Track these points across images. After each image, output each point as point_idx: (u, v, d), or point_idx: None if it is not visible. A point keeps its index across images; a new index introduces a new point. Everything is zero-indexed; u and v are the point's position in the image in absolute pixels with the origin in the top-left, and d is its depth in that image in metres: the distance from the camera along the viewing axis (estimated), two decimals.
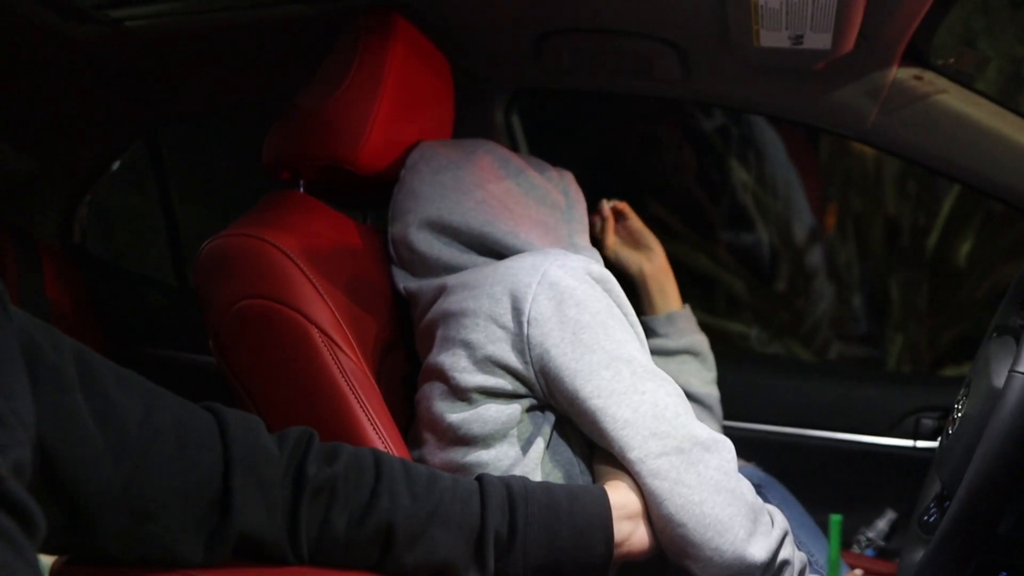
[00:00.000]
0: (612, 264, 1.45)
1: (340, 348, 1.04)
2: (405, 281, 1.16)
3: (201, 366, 1.76)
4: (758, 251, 3.17)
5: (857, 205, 3.11)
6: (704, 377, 1.42)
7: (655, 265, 1.44)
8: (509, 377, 1.01)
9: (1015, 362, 0.93)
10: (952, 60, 1.39)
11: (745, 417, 1.51)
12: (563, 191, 1.23)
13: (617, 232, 1.47)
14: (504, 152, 1.22)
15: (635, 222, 1.46)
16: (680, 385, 1.36)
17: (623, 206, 1.46)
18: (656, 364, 1.38)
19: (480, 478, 0.89)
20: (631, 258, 1.45)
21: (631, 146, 3.16)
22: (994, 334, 1.12)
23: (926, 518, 1.09)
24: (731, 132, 3.10)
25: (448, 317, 1.05)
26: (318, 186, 1.25)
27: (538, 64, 1.54)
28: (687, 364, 1.41)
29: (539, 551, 0.86)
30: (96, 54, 1.62)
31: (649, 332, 1.43)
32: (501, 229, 1.11)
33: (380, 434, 1.02)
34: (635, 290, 1.46)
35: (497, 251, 1.11)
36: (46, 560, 0.84)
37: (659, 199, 3.00)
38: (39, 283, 1.75)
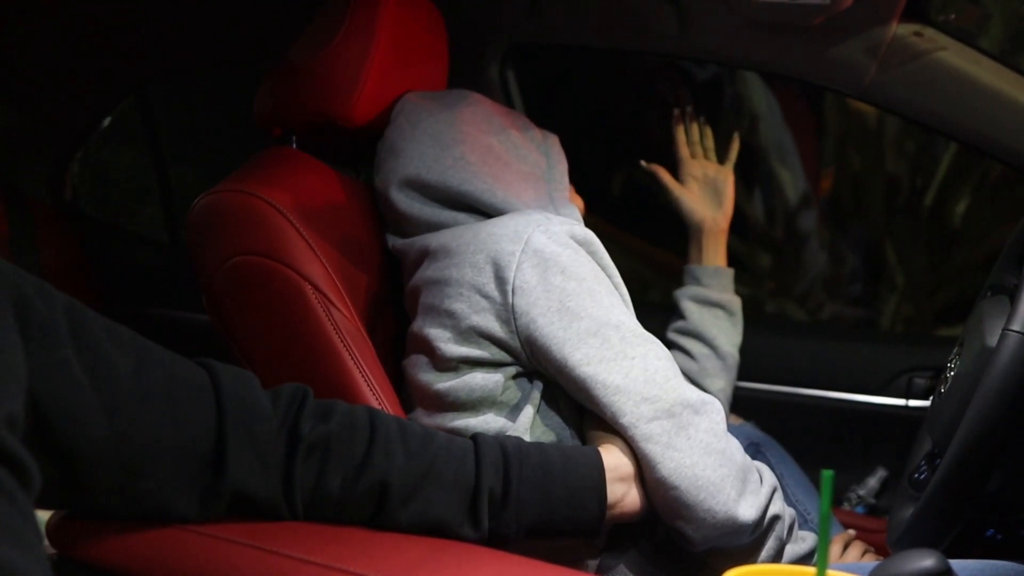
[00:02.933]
0: (679, 206, 1.48)
1: (334, 304, 1.04)
2: (392, 239, 1.15)
3: (195, 324, 1.76)
4: (754, 209, 3.16)
5: (855, 164, 3.10)
6: (731, 337, 1.45)
7: (720, 221, 1.47)
8: (494, 347, 1.00)
9: (1009, 320, 0.92)
10: (953, 16, 1.38)
11: (741, 376, 1.51)
12: (544, 152, 1.20)
13: (697, 174, 1.48)
14: (487, 107, 1.20)
15: (722, 172, 1.48)
16: (710, 337, 1.43)
17: (704, 128, 1.48)
18: (692, 311, 1.44)
19: (475, 437, 0.89)
20: (702, 206, 1.47)
21: (630, 101, 3.13)
22: (988, 293, 1.12)
23: (916, 476, 1.10)
24: (726, 88, 3.08)
25: (431, 285, 1.04)
26: (311, 142, 1.24)
27: (533, 19, 1.52)
28: (720, 320, 1.45)
29: (532, 511, 0.86)
30: (86, 7, 1.60)
31: (692, 280, 1.47)
32: (479, 187, 1.09)
33: (375, 391, 1.02)
34: (688, 235, 1.49)
35: (476, 209, 1.10)
36: (42, 515, 0.84)
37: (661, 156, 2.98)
38: (30, 240, 1.74)
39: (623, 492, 0.94)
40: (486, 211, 1.09)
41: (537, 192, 1.14)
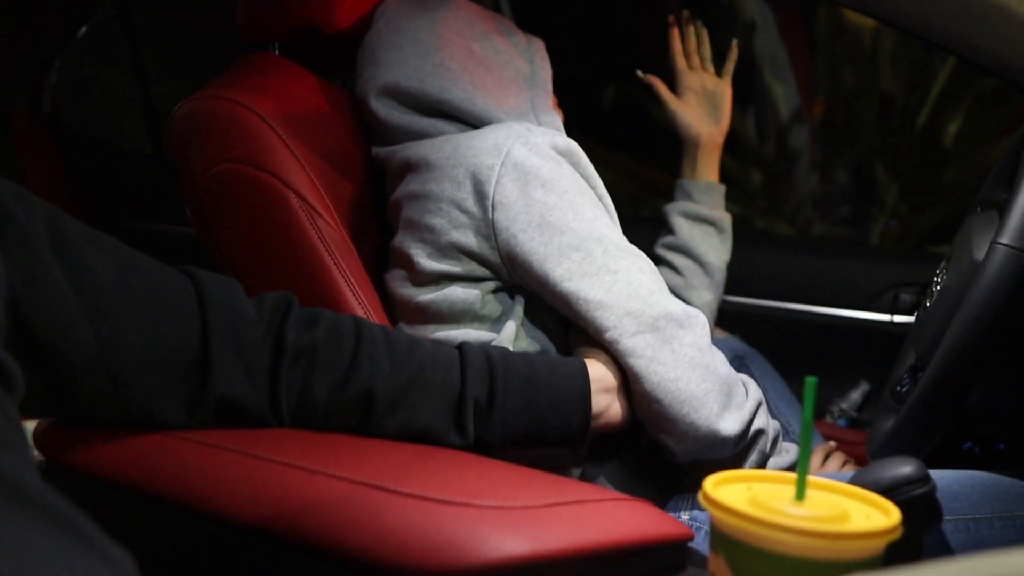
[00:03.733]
0: (675, 119, 1.43)
1: (318, 213, 1.03)
2: (376, 148, 1.14)
3: (179, 236, 1.74)
4: (746, 126, 3.13)
5: (849, 82, 3.06)
6: (720, 253, 1.44)
7: (716, 136, 1.43)
8: (474, 263, 1.00)
9: (997, 234, 0.92)
10: None
11: (728, 290, 1.52)
12: (528, 58, 1.17)
13: (695, 86, 1.44)
14: (469, 12, 1.16)
15: (720, 84, 1.44)
16: (699, 254, 1.41)
17: (701, 35, 1.44)
18: (682, 226, 1.42)
19: (461, 347, 0.89)
20: (699, 120, 1.43)
21: (624, 8, 3.06)
22: (978, 208, 1.12)
23: (899, 388, 1.11)
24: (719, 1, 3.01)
25: (411, 199, 1.03)
26: (293, 48, 1.20)
27: None
28: (710, 236, 1.43)
29: (517, 419, 0.87)
30: None
31: (683, 195, 1.45)
32: (458, 95, 1.07)
33: (360, 301, 1.02)
34: (683, 149, 1.45)
35: (456, 117, 1.07)
36: (29, 424, 0.84)
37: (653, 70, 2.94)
38: (10, 151, 1.71)
39: (607, 403, 0.94)
40: (466, 119, 1.07)
41: (519, 99, 1.11)
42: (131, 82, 2.05)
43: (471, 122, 1.06)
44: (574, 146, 1.02)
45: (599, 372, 0.94)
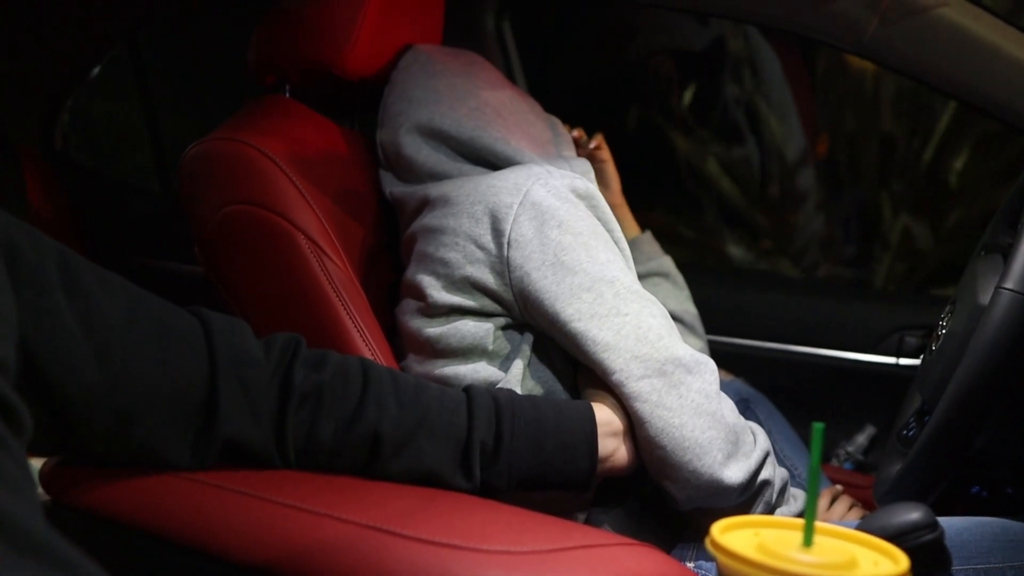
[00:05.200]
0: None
1: (327, 255, 1.04)
2: (391, 186, 1.14)
3: (186, 274, 1.75)
4: (749, 167, 3.15)
5: (852, 125, 3.08)
6: (678, 296, 1.41)
7: (611, 196, 1.41)
8: (486, 299, 1.00)
9: (1002, 278, 0.93)
10: None
11: (732, 332, 1.52)
12: (550, 127, 1.20)
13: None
14: (500, 76, 1.21)
15: (599, 153, 1.42)
16: None
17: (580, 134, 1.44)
18: None
19: (468, 389, 0.89)
20: None
21: (624, 57, 3.10)
22: (982, 252, 1.12)
23: (905, 432, 1.11)
24: (726, 46, 3.04)
25: (427, 233, 1.04)
26: (304, 91, 1.22)
27: None
28: (659, 286, 1.40)
29: (524, 463, 0.87)
30: None
31: None
32: (492, 136, 1.08)
33: (367, 342, 1.02)
34: None
35: (485, 158, 1.09)
36: (35, 463, 0.84)
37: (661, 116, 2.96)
38: (20, 189, 1.72)
39: (614, 447, 0.94)
40: (495, 162, 1.08)
41: (544, 145, 1.14)
42: (140, 117, 2.07)
43: (499, 165, 1.08)
44: (593, 189, 1.03)
45: (606, 416, 0.94)
